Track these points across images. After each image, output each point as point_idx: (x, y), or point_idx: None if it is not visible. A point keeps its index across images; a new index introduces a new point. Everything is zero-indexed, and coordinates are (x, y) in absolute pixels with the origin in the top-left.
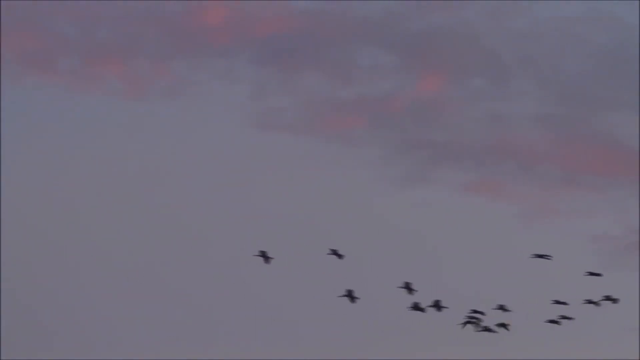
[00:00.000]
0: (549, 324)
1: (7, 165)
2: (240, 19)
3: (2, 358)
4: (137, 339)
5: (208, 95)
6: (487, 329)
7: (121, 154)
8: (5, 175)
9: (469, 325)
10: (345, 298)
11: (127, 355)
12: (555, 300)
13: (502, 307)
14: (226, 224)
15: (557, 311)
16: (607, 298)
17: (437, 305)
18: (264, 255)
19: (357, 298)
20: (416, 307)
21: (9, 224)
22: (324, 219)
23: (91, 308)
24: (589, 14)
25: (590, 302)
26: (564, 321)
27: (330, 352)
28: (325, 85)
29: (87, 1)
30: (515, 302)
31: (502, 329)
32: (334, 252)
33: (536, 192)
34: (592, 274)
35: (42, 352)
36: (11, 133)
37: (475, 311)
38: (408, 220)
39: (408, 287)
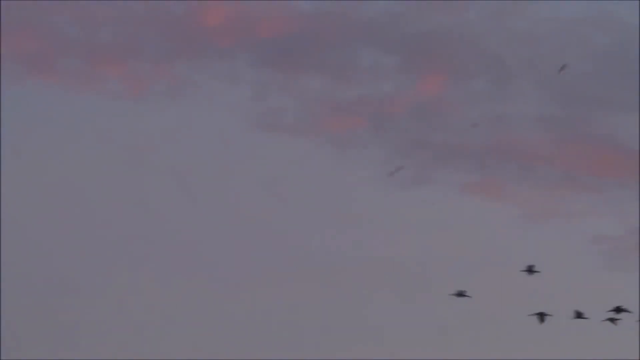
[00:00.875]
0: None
1: (7, 165)
2: (242, 20)
3: (2, 358)
4: (137, 339)
5: (209, 96)
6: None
7: (121, 154)
8: (5, 175)
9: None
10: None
11: (127, 355)
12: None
13: None
14: (226, 224)
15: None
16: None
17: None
18: (460, 294)
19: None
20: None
21: (9, 225)
22: (323, 219)
23: (91, 308)
24: (589, 14)
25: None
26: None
27: (331, 353)
28: (326, 86)
29: (87, 1)
30: (515, 303)
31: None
32: (529, 269)
33: (537, 193)
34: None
35: (42, 352)
36: (11, 133)
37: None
38: (408, 221)
39: (530, 270)
